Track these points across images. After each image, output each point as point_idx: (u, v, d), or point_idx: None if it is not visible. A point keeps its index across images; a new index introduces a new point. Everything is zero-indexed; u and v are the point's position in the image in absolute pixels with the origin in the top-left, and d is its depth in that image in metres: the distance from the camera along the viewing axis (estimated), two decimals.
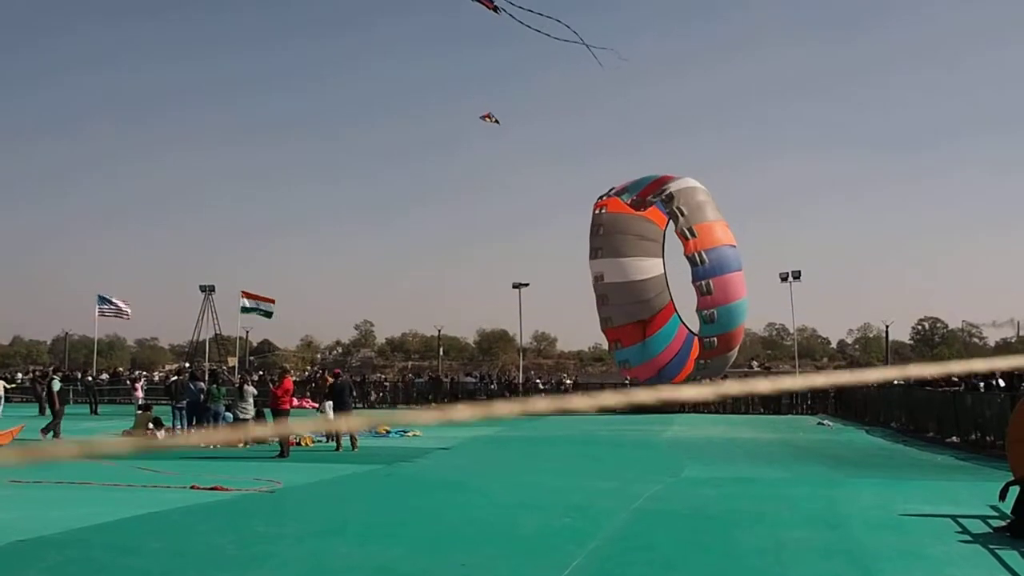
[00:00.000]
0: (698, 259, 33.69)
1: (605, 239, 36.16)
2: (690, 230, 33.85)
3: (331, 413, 20.22)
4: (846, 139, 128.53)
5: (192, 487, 11.41)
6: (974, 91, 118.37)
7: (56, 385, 21.71)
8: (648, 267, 35.82)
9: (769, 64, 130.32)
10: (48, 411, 30.30)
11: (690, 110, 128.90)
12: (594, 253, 36.56)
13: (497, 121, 40.71)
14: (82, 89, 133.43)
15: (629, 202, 36.04)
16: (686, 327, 35.55)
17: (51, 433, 20.11)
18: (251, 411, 19.10)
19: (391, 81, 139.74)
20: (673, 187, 34.95)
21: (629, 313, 35.27)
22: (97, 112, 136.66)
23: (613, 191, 37.24)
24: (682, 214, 34.12)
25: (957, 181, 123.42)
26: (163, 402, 26.65)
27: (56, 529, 8.19)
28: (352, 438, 17.57)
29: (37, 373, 41.74)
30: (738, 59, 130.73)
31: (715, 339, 34.63)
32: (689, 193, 34.93)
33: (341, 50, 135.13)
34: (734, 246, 35.14)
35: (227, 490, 11.23)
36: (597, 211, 37.06)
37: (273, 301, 44.03)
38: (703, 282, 33.67)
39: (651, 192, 35.72)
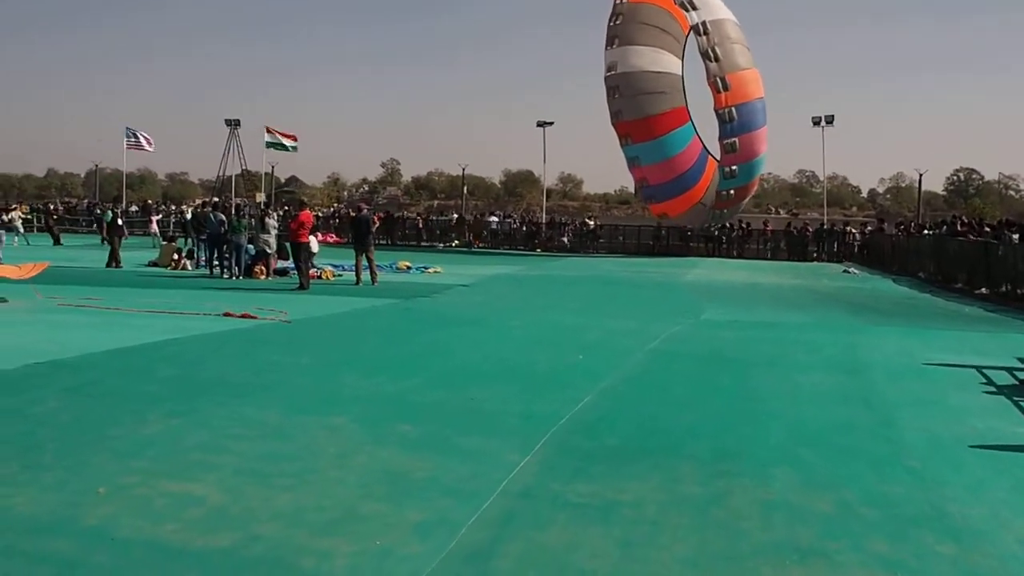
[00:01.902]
0: (727, 116, 32.06)
1: (622, 28, 33.80)
2: (723, 80, 31.87)
3: (316, 246, 19.44)
4: None
5: (226, 314, 11.56)
6: None
7: (108, 216, 22.27)
8: (664, 61, 33.27)
9: None
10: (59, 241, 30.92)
11: None
12: (609, 42, 34.22)
13: None
14: None
15: None
16: (701, 140, 34.04)
17: (113, 263, 20.67)
18: (273, 244, 19.04)
19: None
20: (705, 12, 32.55)
21: (639, 106, 33.12)
22: None
23: None
24: (715, 58, 32.08)
25: (1000, 30, 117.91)
26: (179, 236, 27.05)
27: (73, 353, 8.21)
28: (372, 273, 17.52)
29: (51, 206, 41.88)
30: None
31: (733, 191, 33.92)
32: (722, 28, 32.69)
33: None
34: (762, 98, 33.52)
35: (255, 318, 11.32)
36: (618, 1, 34.96)
37: (295, 138, 43.60)
38: (730, 140, 32.39)
39: None
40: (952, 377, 8.70)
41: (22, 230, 32.06)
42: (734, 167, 32.95)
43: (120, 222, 22.99)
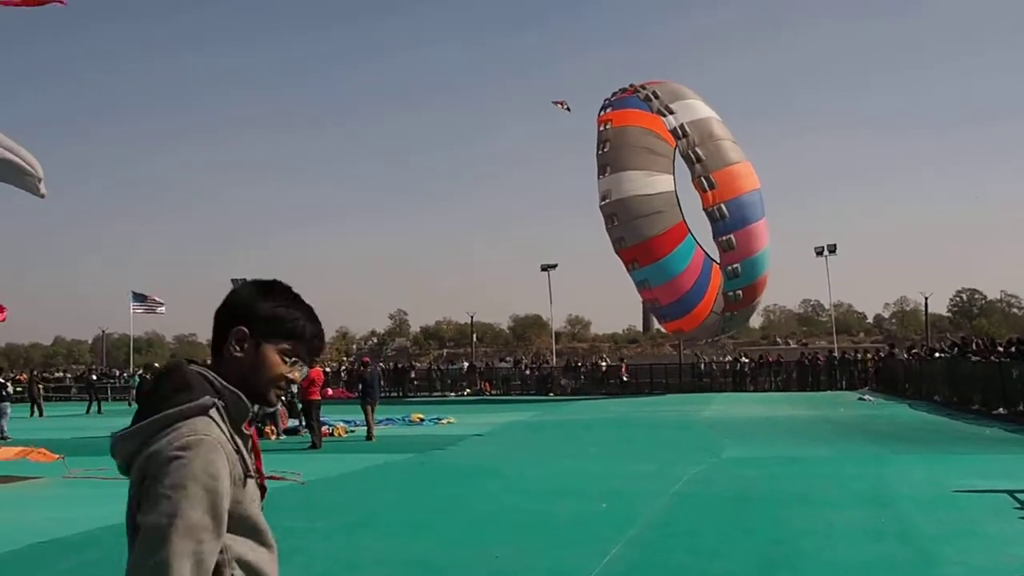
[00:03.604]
0: (718, 214, 30.97)
1: (611, 155, 33.99)
2: (707, 179, 31.23)
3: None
4: (878, 117, 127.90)
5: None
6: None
7: (135, 380, 22.79)
8: (657, 182, 33.31)
9: (802, 46, 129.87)
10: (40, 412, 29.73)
11: (722, 92, 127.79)
12: (601, 171, 34.30)
13: (568, 108, 39.75)
14: (102, 86, 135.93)
15: (626, 94, 34.51)
16: (703, 250, 33.76)
17: None
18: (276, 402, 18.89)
19: (419, 69, 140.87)
20: (682, 114, 32.31)
21: (638, 230, 32.95)
22: (118, 108, 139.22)
23: (614, 95, 35.49)
24: (697, 158, 31.44)
25: (988, 155, 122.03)
26: None
27: (77, 529, 8.00)
28: (368, 426, 17.42)
29: (36, 374, 40.94)
30: (768, 41, 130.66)
31: (740, 292, 33.14)
32: (703, 127, 32.27)
33: (373, 37, 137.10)
34: (757, 189, 32.77)
35: (280, 479, 11.06)
36: (602, 127, 34.78)
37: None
38: (724, 238, 31.42)
39: (647, 86, 33.90)
40: (985, 503, 8.47)
41: None
42: (735, 265, 32.03)
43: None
